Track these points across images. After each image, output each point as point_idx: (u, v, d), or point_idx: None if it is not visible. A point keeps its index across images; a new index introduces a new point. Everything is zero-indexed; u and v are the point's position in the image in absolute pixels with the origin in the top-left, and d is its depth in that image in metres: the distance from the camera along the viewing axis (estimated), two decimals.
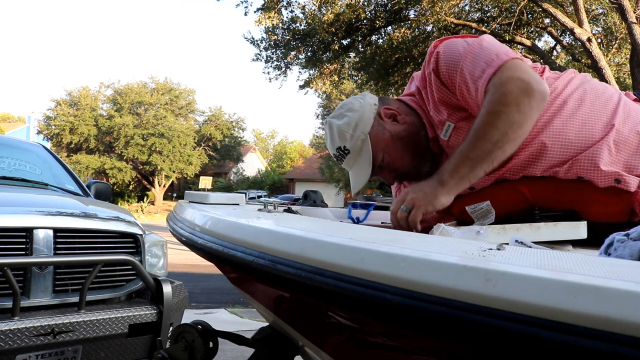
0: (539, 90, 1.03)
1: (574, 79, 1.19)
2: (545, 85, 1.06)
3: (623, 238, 0.71)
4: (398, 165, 1.28)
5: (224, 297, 6.14)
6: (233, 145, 33.71)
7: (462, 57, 1.14)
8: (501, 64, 1.07)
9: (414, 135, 1.28)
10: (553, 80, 1.17)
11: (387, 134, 1.27)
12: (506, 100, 1.02)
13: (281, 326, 1.17)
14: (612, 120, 1.09)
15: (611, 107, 1.12)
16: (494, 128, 1.02)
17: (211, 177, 28.15)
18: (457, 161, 1.05)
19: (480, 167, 1.03)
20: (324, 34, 10.15)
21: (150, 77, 39.56)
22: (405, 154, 1.27)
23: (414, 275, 0.53)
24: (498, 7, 10.18)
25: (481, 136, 1.03)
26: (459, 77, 1.15)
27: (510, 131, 1.01)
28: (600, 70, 7.67)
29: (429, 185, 1.06)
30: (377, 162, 1.27)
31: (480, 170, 1.03)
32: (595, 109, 1.11)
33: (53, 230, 2.12)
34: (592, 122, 1.09)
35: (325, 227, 0.89)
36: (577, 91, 1.14)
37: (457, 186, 1.04)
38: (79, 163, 26.96)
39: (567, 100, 1.12)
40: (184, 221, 1.21)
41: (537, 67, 1.20)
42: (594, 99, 1.13)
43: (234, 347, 1.85)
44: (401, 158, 1.27)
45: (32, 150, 3.49)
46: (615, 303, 0.39)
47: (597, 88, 1.17)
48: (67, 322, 1.96)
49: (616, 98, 1.15)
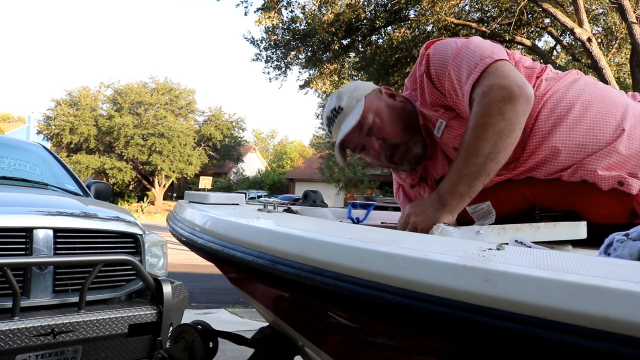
0: (521, 95, 1.02)
1: (578, 80, 1.18)
2: (528, 87, 1.05)
3: (623, 238, 0.71)
4: (387, 131, 1.26)
5: (224, 297, 6.14)
6: (233, 145, 33.70)
7: (449, 60, 1.15)
8: (484, 69, 1.07)
9: (407, 113, 1.29)
10: (554, 82, 1.16)
11: (383, 102, 1.29)
12: (490, 111, 1.02)
13: (281, 326, 1.17)
14: (622, 124, 1.08)
15: (620, 111, 1.11)
16: (483, 141, 1.01)
17: (211, 177, 28.13)
18: (453, 180, 1.04)
19: (477, 181, 1.02)
20: (324, 34, 10.15)
21: (150, 77, 39.61)
22: (397, 124, 1.27)
23: (414, 275, 0.53)
24: (498, 7, 10.18)
25: (472, 152, 1.02)
26: (448, 81, 1.16)
27: (500, 141, 1.01)
28: (600, 70, 7.67)
29: (431, 207, 1.05)
30: (367, 123, 1.25)
31: (478, 185, 1.03)
32: (603, 112, 1.11)
33: (53, 230, 2.12)
34: (600, 126, 1.09)
35: (325, 227, 0.89)
36: (584, 95, 1.14)
37: (458, 205, 1.04)
38: (79, 163, 26.95)
39: (573, 104, 1.12)
40: (184, 221, 1.21)
41: (536, 67, 1.20)
42: (601, 103, 1.12)
43: (234, 347, 1.85)
44: (391, 125, 1.26)
45: (32, 150, 3.49)
46: (615, 303, 0.39)
47: (603, 91, 1.16)
48: (67, 322, 1.96)
49: (624, 101, 1.15)
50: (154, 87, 30.75)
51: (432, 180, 1.33)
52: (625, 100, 1.16)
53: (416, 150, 1.28)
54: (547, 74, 1.18)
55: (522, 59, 1.20)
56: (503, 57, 1.10)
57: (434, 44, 1.24)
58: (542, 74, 1.18)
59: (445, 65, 1.16)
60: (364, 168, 24.77)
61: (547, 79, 1.16)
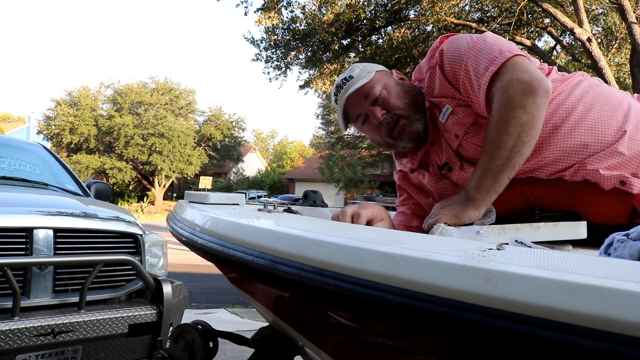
0: (541, 87, 1.04)
1: (582, 82, 1.19)
2: (546, 81, 1.06)
3: (623, 238, 0.71)
4: (392, 103, 1.28)
5: (224, 297, 6.14)
6: (233, 145, 33.70)
7: (466, 53, 1.15)
8: (503, 62, 1.07)
9: (415, 92, 1.32)
10: (559, 84, 1.17)
11: (392, 80, 1.32)
12: (512, 105, 1.03)
13: (281, 326, 1.17)
14: (624, 126, 1.09)
15: (622, 112, 1.12)
16: (506, 135, 1.02)
17: (211, 177, 28.13)
18: (479, 175, 1.06)
19: (504, 174, 1.04)
20: (324, 34, 10.15)
21: (150, 77, 39.62)
22: (403, 97, 1.29)
23: (414, 275, 0.53)
24: (498, 7, 10.18)
25: (497, 146, 1.04)
26: (463, 73, 1.16)
27: (523, 134, 1.02)
28: (600, 70, 7.67)
29: (458, 202, 1.07)
30: (373, 93, 1.28)
31: (504, 179, 1.04)
32: (605, 113, 1.11)
33: (53, 230, 2.12)
34: (602, 127, 1.09)
35: (325, 227, 0.89)
36: (587, 96, 1.14)
37: (484, 200, 1.06)
38: (79, 163, 26.94)
39: (576, 106, 1.12)
40: (184, 221, 1.21)
41: (544, 69, 1.20)
42: (604, 104, 1.13)
43: (234, 347, 1.85)
44: (397, 97, 1.28)
45: (32, 150, 3.48)
46: (615, 303, 0.39)
47: (606, 93, 1.16)
48: (67, 322, 1.96)
49: (627, 103, 1.15)
50: (154, 87, 30.75)
51: (435, 167, 1.34)
52: (629, 101, 1.17)
53: (417, 126, 1.28)
54: (552, 76, 1.19)
55: (532, 59, 1.20)
56: (520, 53, 1.11)
57: (448, 38, 1.25)
58: (548, 75, 1.18)
59: (460, 58, 1.16)
60: (364, 168, 24.78)
61: (553, 80, 1.17)
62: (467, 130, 1.20)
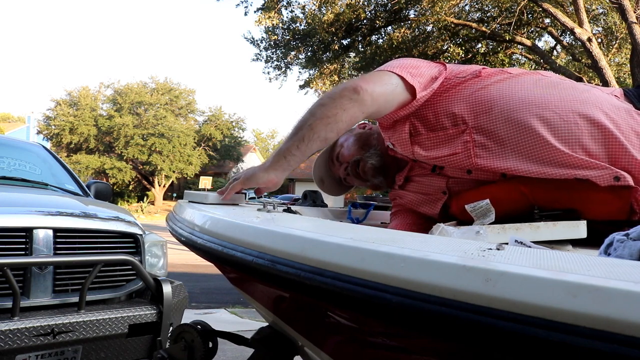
0: (352, 84, 1.14)
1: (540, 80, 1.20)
2: (367, 94, 1.14)
3: (623, 238, 0.71)
4: (346, 154, 1.47)
5: (224, 297, 6.14)
6: (233, 145, 33.67)
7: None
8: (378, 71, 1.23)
9: (366, 135, 1.48)
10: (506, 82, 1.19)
11: (351, 133, 1.52)
12: (331, 95, 1.16)
13: (281, 326, 1.17)
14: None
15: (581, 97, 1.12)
16: (308, 111, 1.15)
17: (211, 177, 28.08)
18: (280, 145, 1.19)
19: (294, 143, 1.13)
20: (324, 34, 10.14)
21: (150, 77, 39.67)
22: (353, 144, 1.46)
23: (414, 275, 0.53)
24: (498, 7, 10.18)
25: (300, 119, 1.17)
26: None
27: (318, 110, 1.12)
28: (600, 70, 7.67)
29: (254, 168, 1.20)
30: (334, 154, 1.52)
31: (294, 147, 1.13)
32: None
33: (53, 230, 2.12)
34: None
35: (325, 227, 0.89)
36: (527, 74, 1.19)
37: (279, 162, 1.15)
38: (79, 163, 26.91)
39: (516, 77, 1.16)
40: (184, 221, 1.21)
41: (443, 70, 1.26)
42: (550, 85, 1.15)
43: (234, 347, 1.85)
44: (348, 148, 1.46)
45: (32, 150, 3.48)
46: (615, 303, 0.39)
47: (575, 88, 1.17)
48: (67, 322, 1.96)
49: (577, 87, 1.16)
50: (154, 87, 30.72)
51: (428, 170, 1.36)
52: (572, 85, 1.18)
53: (371, 162, 1.42)
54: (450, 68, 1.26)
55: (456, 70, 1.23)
56: (398, 73, 1.17)
57: None
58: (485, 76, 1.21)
59: None
60: None
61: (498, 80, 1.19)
62: (412, 141, 1.26)
